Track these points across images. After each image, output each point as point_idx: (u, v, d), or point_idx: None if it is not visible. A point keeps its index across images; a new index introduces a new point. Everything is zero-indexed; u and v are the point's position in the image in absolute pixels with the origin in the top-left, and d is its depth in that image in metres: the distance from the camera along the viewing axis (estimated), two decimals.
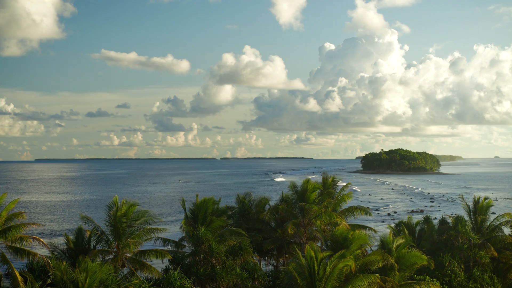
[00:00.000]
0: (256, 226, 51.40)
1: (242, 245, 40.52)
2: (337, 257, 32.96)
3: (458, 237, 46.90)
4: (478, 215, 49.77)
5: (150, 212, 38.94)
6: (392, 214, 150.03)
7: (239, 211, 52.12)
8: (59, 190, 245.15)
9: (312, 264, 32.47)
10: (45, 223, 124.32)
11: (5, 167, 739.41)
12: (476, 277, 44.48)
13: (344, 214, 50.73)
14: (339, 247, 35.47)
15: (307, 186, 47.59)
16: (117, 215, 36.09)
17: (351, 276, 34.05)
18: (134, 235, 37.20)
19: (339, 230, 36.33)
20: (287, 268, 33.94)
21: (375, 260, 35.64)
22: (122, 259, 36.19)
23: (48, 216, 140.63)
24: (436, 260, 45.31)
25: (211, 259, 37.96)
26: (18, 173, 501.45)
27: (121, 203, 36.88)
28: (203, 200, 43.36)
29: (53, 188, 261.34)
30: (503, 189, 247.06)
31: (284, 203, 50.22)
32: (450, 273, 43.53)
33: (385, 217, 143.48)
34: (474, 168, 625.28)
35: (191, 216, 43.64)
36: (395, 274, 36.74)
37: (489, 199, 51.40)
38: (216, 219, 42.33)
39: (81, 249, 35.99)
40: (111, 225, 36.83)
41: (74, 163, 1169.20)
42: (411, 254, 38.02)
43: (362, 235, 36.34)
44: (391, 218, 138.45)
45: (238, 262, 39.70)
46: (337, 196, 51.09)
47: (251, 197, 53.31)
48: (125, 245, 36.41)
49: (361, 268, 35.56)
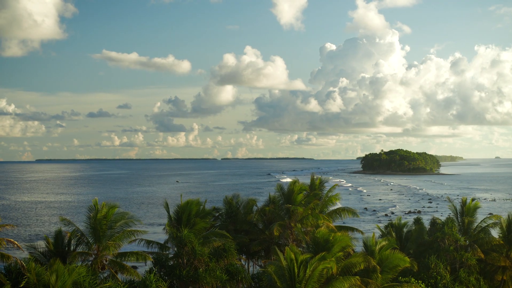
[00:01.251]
0: (243, 227, 51.32)
1: (226, 247, 40.38)
2: (318, 259, 32.84)
3: (444, 239, 46.74)
4: (465, 216, 49.61)
5: (131, 214, 38.87)
6: (390, 215, 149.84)
7: (226, 212, 52.01)
8: (56, 191, 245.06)
9: (292, 266, 32.34)
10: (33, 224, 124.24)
11: (6, 168, 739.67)
12: (462, 279, 44.30)
13: (332, 215, 50.57)
14: (320, 249, 35.31)
15: (294, 187, 47.44)
16: (97, 217, 36.03)
17: (333, 278, 33.93)
18: (114, 237, 37.12)
19: (321, 232, 36.16)
20: (266, 270, 33.83)
21: (357, 262, 35.55)
22: (102, 261, 36.10)
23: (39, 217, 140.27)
24: (422, 262, 45.17)
25: (194, 261, 37.86)
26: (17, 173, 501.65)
27: (101, 205, 36.82)
28: (187, 201, 43.26)
29: (51, 189, 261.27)
30: (502, 190, 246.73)
31: (271, 204, 50.11)
32: (436, 275, 43.35)
33: (382, 218, 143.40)
34: (474, 168, 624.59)
35: (175, 218, 43.54)
36: (377, 276, 36.62)
37: (476, 200, 51.26)
38: (200, 221, 42.21)
39: (61, 251, 35.98)
40: (91, 227, 36.74)
41: (74, 163, 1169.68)
42: (394, 256, 37.89)
43: (344, 237, 36.17)
44: (388, 219, 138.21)
45: (222, 264, 39.56)
46: (324, 197, 50.94)
47: (239, 199, 53.17)
48: (105, 247, 36.34)
49: (343, 270, 35.44)
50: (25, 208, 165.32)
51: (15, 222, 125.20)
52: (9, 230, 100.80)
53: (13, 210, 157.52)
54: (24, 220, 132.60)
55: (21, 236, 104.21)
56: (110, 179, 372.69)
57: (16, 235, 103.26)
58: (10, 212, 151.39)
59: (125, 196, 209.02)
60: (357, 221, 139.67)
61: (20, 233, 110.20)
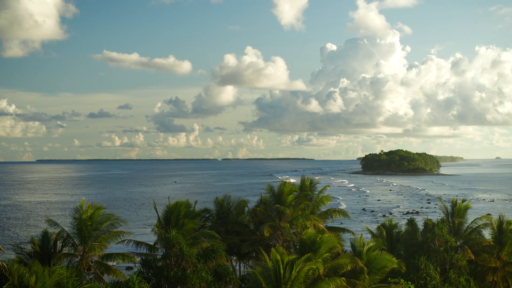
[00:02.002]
0: (235, 228, 51.27)
1: (215, 248, 40.34)
2: (303, 260, 32.80)
3: (435, 240, 46.69)
4: (456, 217, 49.56)
5: (116, 215, 38.88)
6: (387, 216, 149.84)
7: (217, 213, 51.97)
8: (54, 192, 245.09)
9: (278, 267, 32.31)
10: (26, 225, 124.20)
11: (6, 168, 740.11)
12: (452, 280, 44.23)
13: (323, 216, 50.51)
14: (307, 250, 35.28)
15: (284, 188, 47.39)
16: (82, 218, 36.03)
17: (319, 279, 33.89)
18: (100, 238, 37.12)
19: (308, 233, 36.12)
20: (251, 271, 33.79)
21: (344, 263, 35.51)
22: (87, 263, 36.10)
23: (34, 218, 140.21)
24: (412, 263, 45.12)
25: (182, 262, 37.83)
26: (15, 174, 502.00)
27: (87, 206, 36.84)
28: (176, 202, 43.29)
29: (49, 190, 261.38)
30: (501, 190, 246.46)
31: (262, 205, 50.07)
32: (426, 276, 43.29)
33: (380, 219, 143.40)
34: (474, 169, 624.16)
35: (164, 219, 43.54)
36: (365, 277, 36.59)
37: (467, 201, 51.23)
38: (189, 222, 42.19)
39: (47, 253, 36.01)
40: (76, 228, 36.72)
41: (75, 164, 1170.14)
42: (381, 257, 37.89)
43: (331, 238, 36.12)
44: (385, 220, 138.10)
45: (211, 265, 39.53)
46: (315, 198, 50.89)
47: (230, 199, 53.14)
48: (91, 248, 36.35)
49: (330, 271, 35.40)
50: (20, 208, 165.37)
51: (9, 224, 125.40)
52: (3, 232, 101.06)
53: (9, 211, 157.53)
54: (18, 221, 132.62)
55: (15, 237, 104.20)
56: (109, 179, 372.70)
57: (9, 237, 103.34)
58: (7, 213, 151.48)
59: (121, 197, 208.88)
60: (355, 221, 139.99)
61: (15, 233, 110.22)
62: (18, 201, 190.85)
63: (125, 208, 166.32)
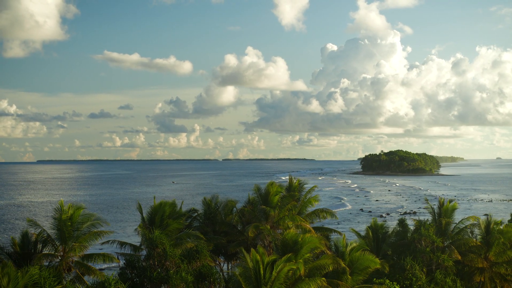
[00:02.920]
0: (222, 228, 51.20)
1: (199, 249, 40.27)
2: (284, 261, 32.73)
3: (421, 240, 46.61)
4: (443, 218, 49.49)
5: (97, 216, 38.84)
6: (385, 216, 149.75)
7: (204, 213, 51.91)
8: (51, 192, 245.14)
9: (258, 267, 32.26)
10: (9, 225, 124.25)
11: (7, 169, 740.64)
12: (438, 280, 44.14)
13: (310, 217, 50.44)
14: (288, 250, 35.20)
15: (270, 189, 47.31)
16: (62, 219, 35.99)
17: (300, 280, 33.82)
18: (81, 238, 37.07)
19: (289, 233, 36.03)
20: (231, 272, 33.76)
21: (326, 264, 35.43)
22: (67, 263, 36.06)
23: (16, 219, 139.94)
24: (398, 263, 45.05)
25: (165, 263, 37.80)
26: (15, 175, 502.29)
27: (67, 206, 36.80)
28: (160, 203, 43.22)
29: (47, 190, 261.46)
30: (500, 191, 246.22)
31: (249, 205, 49.99)
32: (411, 276, 43.21)
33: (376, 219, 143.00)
34: (474, 169, 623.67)
35: (148, 219, 43.50)
36: (347, 278, 36.52)
37: (454, 201, 51.18)
38: (173, 222, 42.14)
39: (27, 253, 35.98)
40: (57, 229, 36.70)
41: (76, 164, 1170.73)
42: (364, 258, 37.83)
43: (312, 239, 36.00)
44: (382, 220, 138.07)
45: (195, 266, 39.47)
46: (302, 199, 50.81)
47: (218, 200, 53.08)
48: (71, 249, 36.31)
49: (312, 272, 35.33)
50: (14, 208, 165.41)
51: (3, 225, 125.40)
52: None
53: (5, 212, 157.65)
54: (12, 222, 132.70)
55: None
56: (108, 180, 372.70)
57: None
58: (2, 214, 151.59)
59: (117, 197, 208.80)
60: (352, 221, 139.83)
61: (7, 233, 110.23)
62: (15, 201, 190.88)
63: (120, 208, 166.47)
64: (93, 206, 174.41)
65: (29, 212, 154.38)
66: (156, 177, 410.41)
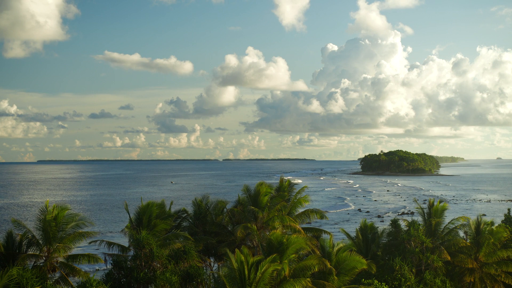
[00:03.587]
0: (213, 229, 51.13)
1: (186, 249, 40.18)
2: (269, 261, 32.65)
3: (410, 241, 46.50)
4: (433, 218, 49.40)
5: (82, 216, 38.75)
6: (382, 216, 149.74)
7: (194, 214, 51.84)
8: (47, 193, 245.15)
9: (242, 268, 32.21)
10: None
11: (7, 169, 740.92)
12: (428, 281, 44.00)
13: (301, 217, 50.31)
14: (274, 251, 35.12)
15: (260, 189, 47.19)
16: (46, 219, 35.94)
17: (285, 280, 33.74)
18: (66, 239, 37.00)
19: (274, 234, 35.92)
20: (216, 273, 33.68)
21: (311, 264, 35.31)
22: (52, 264, 35.99)
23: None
24: (387, 264, 44.95)
25: (152, 263, 37.74)
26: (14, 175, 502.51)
27: (52, 206, 36.74)
28: (148, 203, 43.14)
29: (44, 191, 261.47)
30: (499, 191, 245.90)
31: (239, 206, 49.89)
32: (400, 277, 43.09)
33: (374, 219, 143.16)
34: (474, 169, 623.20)
35: (136, 220, 43.44)
36: (333, 279, 36.43)
37: (444, 202, 51.08)
38: (161, 222, 42.07)
39: (12, 254, 35.90)
40: (41, 229, 36.64)
41: (76, 164, 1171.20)
42: (351, 258, 37.72)
43: (298, 239, 35.88)
44: (380, 220, 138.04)
45: (182, 266, 39.38)
46: (292, 199, 50.69)
47: (209, 200, 53.00)
48: (56, 249, 36.25)
49: (297, 272, 35.24)
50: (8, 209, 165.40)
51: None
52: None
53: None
54: None
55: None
56: (107, 180, 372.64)
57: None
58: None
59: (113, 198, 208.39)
60: (350, 222, 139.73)
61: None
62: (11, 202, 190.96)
63: (116, 208, 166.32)
64: (90, 206, 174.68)
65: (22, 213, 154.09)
66: (156, 177, 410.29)
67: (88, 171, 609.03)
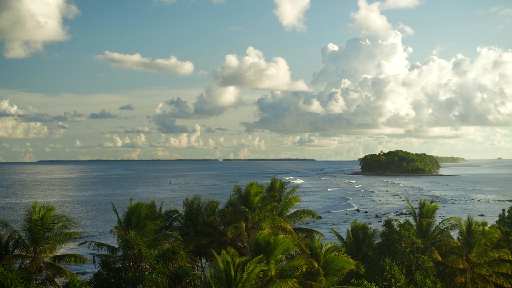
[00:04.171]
0: (204, 229, 51.11)
1: (175, 249, 40.13)
2: (255, 262, 32.60)
3: (401, 241, 46.44)
4: (424, 218, 49.33)
5: (68, 217, 38.72)
6: (380, 216, 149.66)
7: (186, 214, 51.80)
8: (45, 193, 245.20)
9: (229, 268, 32.17)
10: None
11: (7, 169, 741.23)
12: (418, 282, 43.95)
13: (292, 218, 50.25)
14: (261, 252, 35.09)
15: (250, 189, 47.12)
16: (32, 220, 35.94)
17: (271, 281, 33.70)
18: (52, 239, 36.97)
19: (262, 234, 35.88)
20: (202, 274, 33.64)
21: (299, 265, 35.27)
22: (38, 264, 35.98)
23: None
24: (377, 264, 44.89)
25: (141, 264, 37.70)
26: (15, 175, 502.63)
27: (38, 207, 36.73)
28: (137, 204, 43.10)
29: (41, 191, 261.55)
30: (498, 191, 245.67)
31: (230, 206, 49.85)
32: (390, 277, 43.03)
33: (372, 219, 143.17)
34: (474, 169, 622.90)
35: (125, 221, 43.41)
36: (321, 279, 36.38)
37: (435, 202, 51.02)
38: (149, 223, 42.03)
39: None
40: (28, 230, 36.63)
41: (76, 164, 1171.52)
42: (339, 259, 37.65)
43: (286, 240, 35.84)
44: (378, 221, 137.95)
45: (171, 267, 39.32)
46: (284, 199, 50.61)
47: (200, 201, 52.97)
48: (42, 250, 36.22)
49: (284, 273, 35.20)
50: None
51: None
52: None
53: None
54: None
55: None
56: (107, 180, 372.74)
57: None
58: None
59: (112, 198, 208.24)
60: (347, 223, 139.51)
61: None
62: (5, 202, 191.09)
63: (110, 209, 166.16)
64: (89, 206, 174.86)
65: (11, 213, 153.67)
66: (155, 177, 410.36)
67: (88, 171, 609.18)
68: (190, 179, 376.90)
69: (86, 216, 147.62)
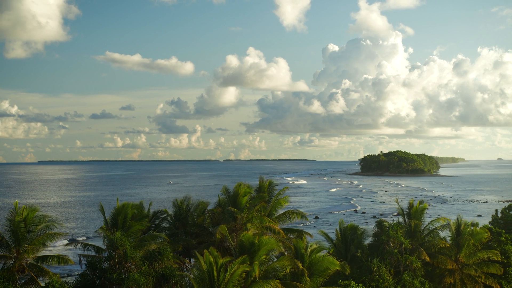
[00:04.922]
0: (194, 230, 51.02)
1: (161, 250, 40.04)
2: (238, 263, 32.54)
3: (389, 242, 46.34)
4: (412, 219, 49.24)
5: (51, 217, 38.68)
6: (378, 217, 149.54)
7: (175, 215, 51.71)
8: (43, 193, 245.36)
9: (212, 269, 32.12)
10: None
11: (8, 169, 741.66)
12: (406, 282, 43.86)
13: (281, 219, 50.13)
14: (245, 252, 34.99)
15: (239, 190, 46.98)
16: (15, 220, 35.90)
17: (254, 282, 33.62)
18: (35, 240, 36.93)
19: (246, 235, 35.79)
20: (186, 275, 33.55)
21: (283, 265, 35.20)
22: (21, 265, 35.92)
23: None
24: (365, 265, 44.79)
25: (126, 264, 37.61)
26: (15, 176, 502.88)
27: (21, 208, 36.71)
28: (123, 204, 43.03)
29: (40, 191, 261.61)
30: (498, 192, 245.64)
31: (218, 207, 49.76)
32: (378, 278, 42.93)
33: (370, 220, 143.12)
34: (474, 170, 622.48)
35: (111, 221, 43.33)
36: (306, 280, 36.29)
37: (424, 203, 50.94)
38: (136, 223, 41.95)
39: None
40: (11, 231, 36.58)
41: (77, 165, 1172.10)
42: (324, 260, 37.55)
43: (270, 241, 35.73)
44: (375, 221, 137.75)
45: (157, 267, 39.22)
46: (273, 200, 50.49)
47: (190, 201, 52.86)
48: (25, 251, 36.17)
49: (268, 274, 35.12)
50: None
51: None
52: None
53: None
54: None
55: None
56: (106, 180, 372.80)
57: None
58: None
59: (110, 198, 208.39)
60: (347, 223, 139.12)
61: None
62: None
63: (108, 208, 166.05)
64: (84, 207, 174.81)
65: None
66: (155, 178, 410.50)
67: (88, 171, 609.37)
68: (190, 180, 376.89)
69: (79, 217, 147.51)
